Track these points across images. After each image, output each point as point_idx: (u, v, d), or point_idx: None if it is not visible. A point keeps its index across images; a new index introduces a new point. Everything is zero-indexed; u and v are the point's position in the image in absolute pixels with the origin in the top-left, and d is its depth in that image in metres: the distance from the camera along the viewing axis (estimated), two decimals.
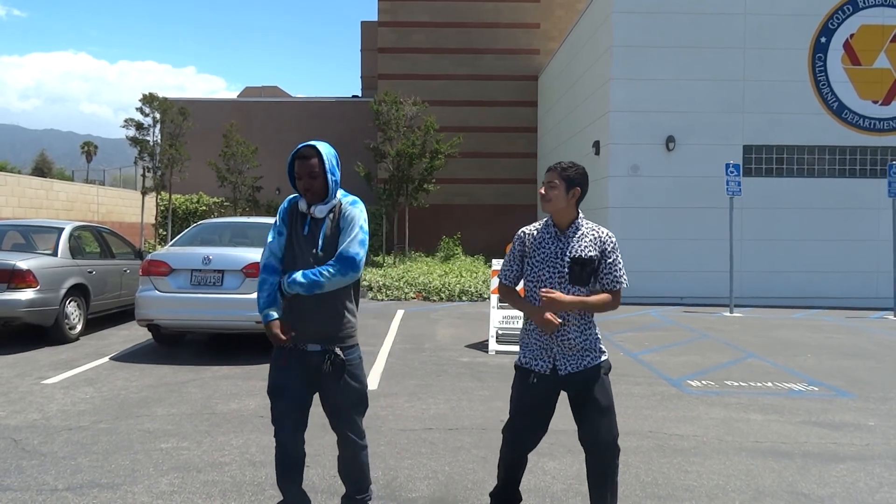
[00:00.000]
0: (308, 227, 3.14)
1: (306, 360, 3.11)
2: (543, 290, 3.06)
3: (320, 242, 3.11)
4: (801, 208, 15.00)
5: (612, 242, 3.16)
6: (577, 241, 3.13)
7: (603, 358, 3.18)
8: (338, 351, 3.10)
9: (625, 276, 3.17)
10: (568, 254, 3.12)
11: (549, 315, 3.03)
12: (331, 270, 3.02)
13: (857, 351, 9.04)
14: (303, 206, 3.14)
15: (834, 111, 15.09)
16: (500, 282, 3.32)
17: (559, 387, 3.16)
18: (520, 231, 3.31)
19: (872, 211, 14.84)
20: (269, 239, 3.20)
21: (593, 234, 3.16)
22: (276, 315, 3.09)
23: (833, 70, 15.06)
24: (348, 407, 3.18)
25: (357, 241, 3.08)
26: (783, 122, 15.01)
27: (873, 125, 15.14)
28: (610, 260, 3.13)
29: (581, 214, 3.21)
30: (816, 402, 6.18)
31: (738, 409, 5.87)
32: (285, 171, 3.23)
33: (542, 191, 3.17)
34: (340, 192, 3.19)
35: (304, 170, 3.08)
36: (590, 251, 3.11)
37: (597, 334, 3.20)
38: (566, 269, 3.10)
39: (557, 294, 3.03)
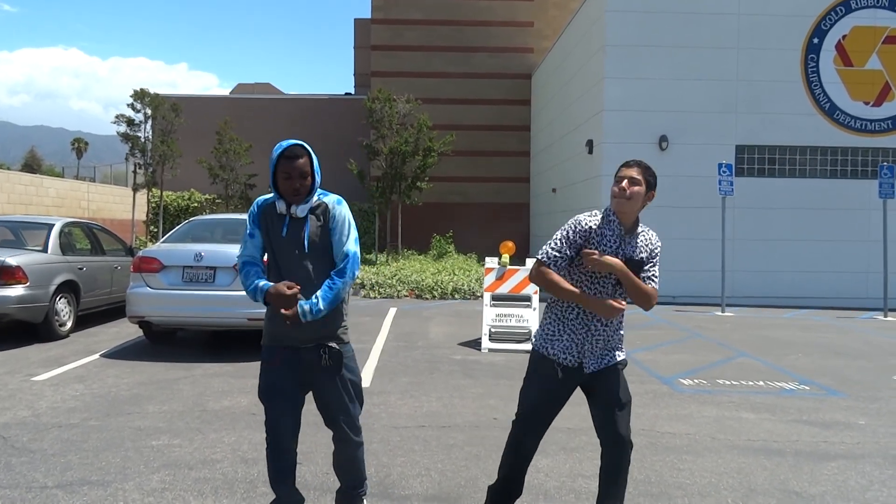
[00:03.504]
0: (287, 228, 3.06)
1: (300, 358, 3.08)
2: (587, 251, 2.97)
3: (305, 242, 3.04)
4: (793, 208, 15.07)
5: (659, 247, 3.17)
6: (637, 245, 3.10)
7: (623, 356, 3.21)
8: (332, 344, 3.10)
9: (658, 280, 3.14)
10: (632, 256, 3.07)
11: (613, 301, 2.99)
12: (342, 277, 3.03)
13: (848, 350, 9.09)
14: (282, 207, 3.05)
15: (826, 112, 15.16)
16: (542, 263, 3.06)
17: (580, 380, 3.15)
18: (582, 219, 3.07)
19: (863, 211, 14.91)
20: (244, 243, 3.16)
21: (644, 236, 3.14)
22: (269, 282, 3.02)
23: (825, 71, 15.13)
24: (346, 402, 3.16)
25: (354, 239, 3.10)
26: (775, 122, 15.06)
27: (864, 126, 15.23)
28: (654, 261, 3.14)
29: (638, 217, 3.15)
30: (808, 401, 6.20)
31: (730, 408, 5.89)
32: None
33: (624, 185, 3.02)
34: (318, 191, 3.13)
35: (296, 170, 2.97)
36: (642, 253, 3.10)
37: (623, 333, 3.23)
38: None
39: (607, 257, 2.96)
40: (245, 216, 9.44)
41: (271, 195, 3.12)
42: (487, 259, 9.26)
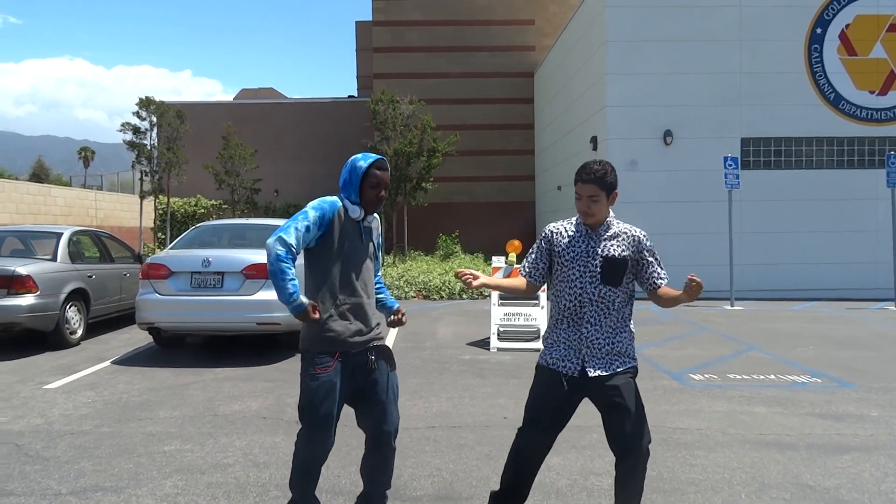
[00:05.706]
0: (363, 236, 3.20)
1: (351, 362, 3.11)
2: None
3: (378, 251, 3.33)
4: (800, 200, 15.00)
5: (648, 242, 3.11)
6: (610, 240, 3.05)
7: (633, 363, 3.09)
8: (380, 343, 3.24)
9: (665, 272, 3.13)
10: (600, 252, 3.03)
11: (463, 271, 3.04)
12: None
13: (858, 342, 9.04)
14: (358, 214, 3.13)
15: (831, 102, 15.09)
16: (519, 273, 3.29)
17: (586, 390, 3.05)
18: (547, 228, 3.21)
19: (870, 201, 14.84)
20: (299, 228, 2.99)
21: (627, 234, 3.08)
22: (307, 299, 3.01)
23: (829, 61, 15.06)
24: (394, 399, 3.24)
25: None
26: (780, 114, 15.00)
27: (870, 115, 15.14)
28: (650, 259, 3.09)
29: (612, 213, 3.12)
30: (819, 394, 6.17)
31: (741, 402, 5.87)
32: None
33: (585, 208, 3.03)
34: None
35: (385, 182, 3.17)
36: (624, 251, 3.04)
37: (630, 339, 3.10)
38: (598, 269, 3.02)
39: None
40: (251, 221, 9.50)
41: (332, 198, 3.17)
42: (494, 258, 9.25)
